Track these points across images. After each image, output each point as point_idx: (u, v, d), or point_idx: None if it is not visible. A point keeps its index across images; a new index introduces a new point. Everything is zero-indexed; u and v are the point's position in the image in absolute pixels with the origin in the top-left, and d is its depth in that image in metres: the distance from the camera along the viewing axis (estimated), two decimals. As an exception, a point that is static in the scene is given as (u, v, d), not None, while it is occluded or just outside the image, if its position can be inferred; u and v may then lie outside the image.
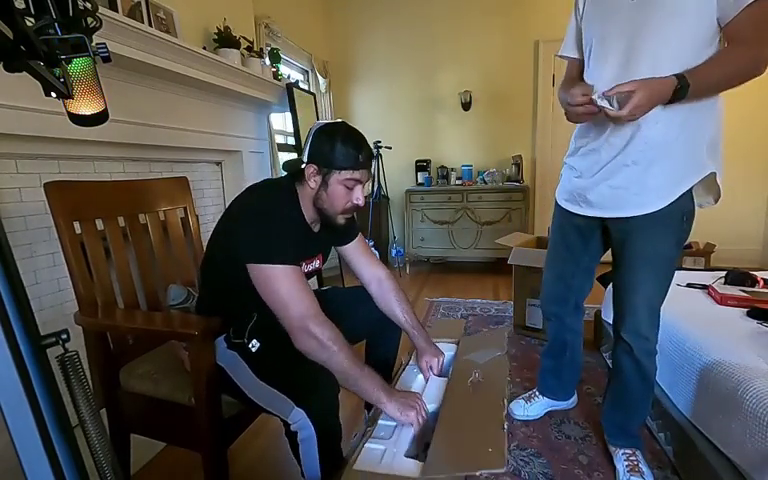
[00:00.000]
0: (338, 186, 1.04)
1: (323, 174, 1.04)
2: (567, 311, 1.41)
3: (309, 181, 1.05)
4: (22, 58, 0.45)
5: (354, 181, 1.05)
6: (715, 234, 3.54)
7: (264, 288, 0.97)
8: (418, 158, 4.12)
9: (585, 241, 1.28)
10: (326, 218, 1.09)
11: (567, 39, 1.26)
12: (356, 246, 1.29)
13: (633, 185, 1.08)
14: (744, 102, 3.40)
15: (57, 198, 1.07)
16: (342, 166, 1.02)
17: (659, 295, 1.15)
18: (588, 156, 1.17)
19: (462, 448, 0.78)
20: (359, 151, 1.03)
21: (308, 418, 0.89)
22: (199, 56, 1.92)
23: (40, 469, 0.46)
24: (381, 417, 0.94)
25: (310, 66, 3.92)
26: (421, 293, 3.36)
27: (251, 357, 1.02)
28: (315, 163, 1.04)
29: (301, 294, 0.97)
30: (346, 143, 1.02)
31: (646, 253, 1.11)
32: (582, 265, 1.33)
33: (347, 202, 1.06)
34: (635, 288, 1.14)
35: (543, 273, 1.43)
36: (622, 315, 1.19)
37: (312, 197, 1.07)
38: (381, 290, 1.26)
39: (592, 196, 1.17)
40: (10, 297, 0.45)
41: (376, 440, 0.86)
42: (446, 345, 1.22)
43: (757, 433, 0.97)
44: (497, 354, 1.08)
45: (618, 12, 1.05)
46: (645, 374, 1.20)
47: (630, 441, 1.29)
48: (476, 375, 0.99)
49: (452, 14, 3.87)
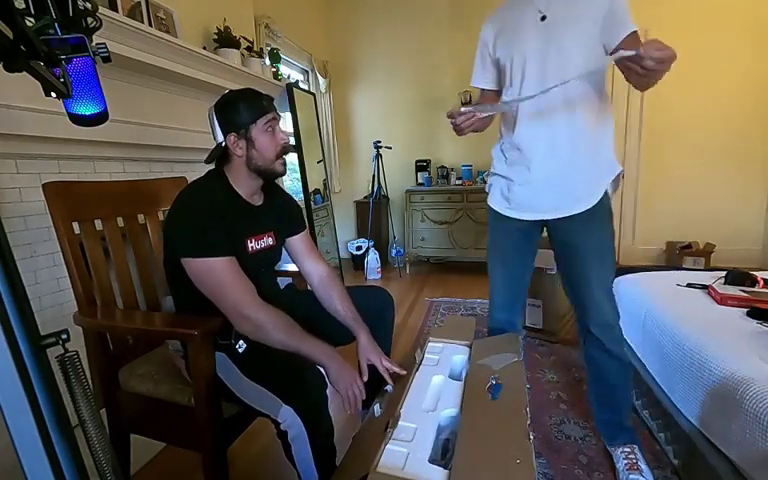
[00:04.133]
0: (262, 135, 1.08)
1: (243, 136, 1.08)
2: (515, 314, 1.41)
3: (236, 151, 1.08)
4: (22, 58, 0.45)
5: (270, 124, 1.10)
6: (715, 234, 3.55)
7: (199, 281, 1.02)
8: (418, 158, 4.12)
9: (529, 242, 1.33)
10: (266, 173, 1.12)
11: (477, 70, 1.34)
12: (302, 239, 1.32)
13: (570, 185, 1.19)
14: (744, 102, 3.41)
15: (56, 199, 1.07)
16: (255, 117, 1.07)
17: (611, 281, 1.25)
18: (522, 164, 1.23)
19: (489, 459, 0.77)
20: (259, 97, 1.10)
21: (297, 416, 0.90)
22: (199, 56, 1.92)
23: (40, 469, 0.46)
24: (401, 419, 0.93)
25: (310, 66, 3.92)
26: (421, 293, 3.36)
27: (238, 358, 1.04)
28: (232, 132, 1.07)
29: (233, 283, 1.02)
30: (245, 98, 1.09)
31: (594, 244, 1.21)
32: (527, 265, 1.37)
33: (276, 145, 1.11)
34: (592, 280, 1.22)
35: (491, 280, 1.40)
36: (586, 311, 1.25)
37: (245, 164, 1.10)
38: (322, 285, 1.28)
39: (533, 201, 1.24)
40: (10, 297, 0.45)
41: (397, 442, 0.84)
42: (458, 347, 1.21)
43: (757, 433, 0.97)
44: (513, 360, 1.07)
45: (529, 33, 1.16)
46: (620, 362, 1.26)
47: (626, 436, 1.32)
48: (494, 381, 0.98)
49: (452, 14, 3.86)
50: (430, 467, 0.78)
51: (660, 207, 3.75)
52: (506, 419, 0.86)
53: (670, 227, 3.73)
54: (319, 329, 1.15)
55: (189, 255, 1.01)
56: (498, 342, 1.19)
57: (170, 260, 1.09)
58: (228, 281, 1.01)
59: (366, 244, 3.96)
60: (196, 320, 1.03)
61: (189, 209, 1.05)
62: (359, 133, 4.42)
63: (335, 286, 1.27)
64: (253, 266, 1.11)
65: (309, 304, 1.28)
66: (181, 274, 1.04)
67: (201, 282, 1.02)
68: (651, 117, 3.63)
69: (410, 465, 0.78)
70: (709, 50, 3.38)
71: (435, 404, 0.97)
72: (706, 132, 3.53)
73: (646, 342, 1.57)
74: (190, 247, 1.01)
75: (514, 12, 1.21)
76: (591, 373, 1.34)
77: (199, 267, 1.01)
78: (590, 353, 1.30)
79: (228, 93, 1.12)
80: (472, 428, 0.84)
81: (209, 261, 1.00)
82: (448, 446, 0.90)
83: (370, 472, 0.76)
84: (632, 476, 1.22)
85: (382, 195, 3.96)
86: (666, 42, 0.92)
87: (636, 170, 3.75)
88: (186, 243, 1.02)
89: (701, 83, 3.45)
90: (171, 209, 1.08)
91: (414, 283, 3.67)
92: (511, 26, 1.21)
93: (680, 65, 0.97)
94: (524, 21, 1.17)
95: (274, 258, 1.27)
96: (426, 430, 0.88)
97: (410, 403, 0.97)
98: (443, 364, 1.13)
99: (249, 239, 1.13)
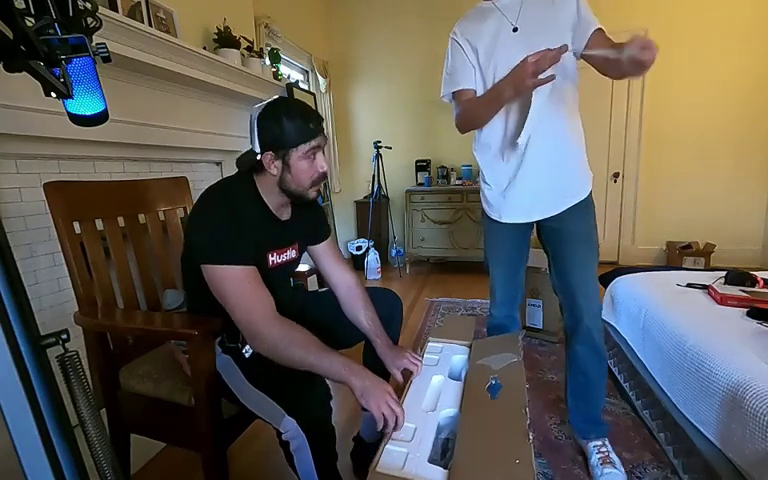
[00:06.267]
0: (300, 162, 1.01)
1: (281, 157, 1.01)
2: (515, 308, 1.43)
3: (270, 169, 1.02)
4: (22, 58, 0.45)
5: (313, 150, 1.02)
6: (715, 234, 3.55)
7: (214, 289, 0.97)
8: (418, 158, 4.12)
9: (525, 238, 1.36)
10: (296, 197, 1.07)
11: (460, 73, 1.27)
12: (327, 247, 1.28)
13: (562, 185, 1.23)
14: (744, 102, 3.41)
15: (56, 198, 1.07)
16: (297, 142, 0.99)
17: (596, 271, 1.29)
18: (508, 169, 1.25)
19: (488, 459, 0.77)
20: (308, 120, 1.01)
21: (299, 428, 0.88)
22: (199, 56, 1.92)
23: (40, 469, 0.46)
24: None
25: (310, 66, 3.92)
26: (421, 293, 3.36)
27: (244, 362, 1.02)
28: (270, 150, 1.00)
29: (250, 295, 0.96)
30: (293, 118, 0.99)
31: (585, 229, 1.26)
32: (523, 260, 1.40)
33: (313, 174, 1.04)
34: (587, 264, 1.25)
35: (492, 280, 1.42)
36: (579, 300, 1.26)
37: (277, 183, 1.04)
38: (349, 296, 1.24)
39: (526, 204, 1.26)
40: (10, 297, 0.45)
41: (397, 442, 0.84)
42: (458, 347, 1.21)
43: (757, 433, 0.97)
44: (513, 360, 1.06)
45: (506, 43, 1.18)
46: (601, 356, 1.30)
47: (598, 429, 1.36)
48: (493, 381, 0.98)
49: (452, 14, 3.85)
50: (430, 467, 0.78)
51: (660, 207, 3.75)
52: (506, 419, 0.85)
53: (670, 227, 3.74)
54: (327, 331, 1.14)
55: (207, 261, 0.97)
56: (498, 342, 1.19)
57: (187, 259, 1.07)
58: (244, 293, 0.96)
59: (366, 244, 3.96)
60: (196, 320, 1.03)
61: (211, 214, 1.01)
62: (359, 133, 4.42)
63: (361, 297, 1.24)
64: (271, 280, 1.06)
65: (319, 305, 1.27)
66: (196, 275, 1.01)
67: (216, 290, 0.97)
68: (651, 117, 3.63)
69: (409, 465, 0.78)
70: (709, 50, 3.38)
71: (435, 404, 0.97)
72: (706, 132, 3.53)
73: (646, 342, 1.57)
74: (209, 253, 0.97)
75: (488, 24, 1.21)
76: (573, 370, 1.36)
77: (216, 274, 0.96)
78: (576, 349, 1.31)
79: (276, 101, 1.03)
80: (471, 428, 0.84)
81: (227, 269, 0.96)
82: (447, 446, 0.90)
83: (369, 472, 0.76)
84: (606, 470, 1.26)
85: (382, 195, 3.96)
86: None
87: (636, 170, 3.76)
88: (205, 248, 0.98)
89: (701, 83, 3.45)
90: (193, 209, 1.04)
91: (414, 283, 3.67)
92: (488, 38, 1.21)
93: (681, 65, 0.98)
94: (499, 33, 1.19)
95: (293, 268, 1.25)
96: (426, 430, 0.88)
97: (410, 403, 0.97)
98: (443, 364, 1.13)
99: (271, 253, 1.10)
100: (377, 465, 0.78)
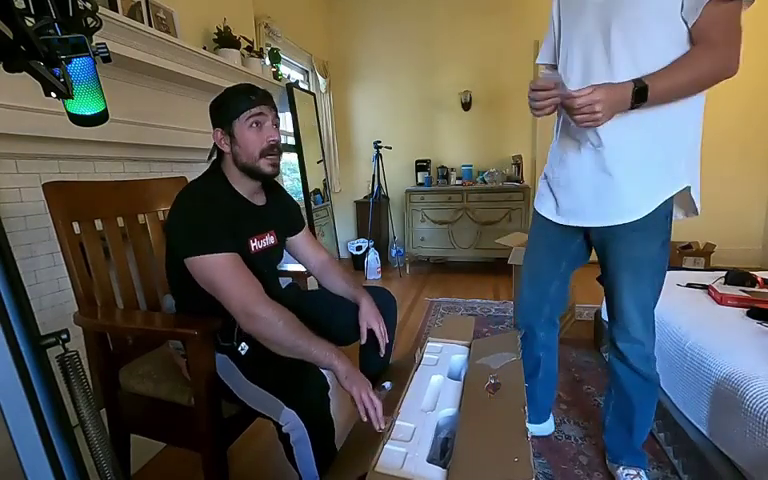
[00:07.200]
0: (246, 132, 1.04)
1: (228, 132, 1.05)
2: (541, 323, 1.32)
3: (223, 148, 1.06)
4: (22, 58, 0.45)
5: (256, 119, 1.04)
6: (715, 234, 3.55)
7: (202, 279, 0.98)
8: (418, 158, 4.12)
9: (566, 243, 1.23)
10: (252, 172, 1.08)
11: (544, 48, 1.25)
12: (303, 236, 1.33)
13: (610, 195, 1.05)
14: (744, 101, 3.41)
15: (56, 198, 1.07)
16: (239, 111, 1.03)
17: (650, 297, 1.12)
18: (565, 167, 1.15)
19: (486, 457, 0.77)
20: (249, 91, 1.05)
21: (299, 418, 0.90)
22: (199, 56, 1.92)
23: (40, 469, 0.46)
24: (398, 418, 0.93)
25: (310, 66, 3.92)
26: (421, 293, 3.36)
27: (241, 360, 1.03)
28: (218, 127, 1.05)
29: (238, 279, 0.98)
30: (235, 92, 1.05)
31: (630, 258, 1.09)
32: (560, 269, 1.27)
33: (261, 143, 1.05)
34: (621, 292, 1.12)
35: (520, 282, 1.36)
36: (614, 319, 1.17)
37: (233, 162, 1.07)
38: (324, 268, 1.31)
39: (571, 205, 1.14)
40: (10, 297, 0.45)
41: (396, 442, 0.85)
42: (457, 347, 1.21)
43: (757, 433, 0.97)
44: (512, 359, 1.07)
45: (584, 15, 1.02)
46: (644, 382, 1.15)
47: (634, 459, 1.23)
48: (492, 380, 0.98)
49: (452, 14, 3.86)
50: (429, 466, 0.78)
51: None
52: (505, 418, 0.86)
53: (670, 227, 3.73)
54: (323, 329, 1.15)
55: (190, 254, 0.97)
56: (497, 341, 1.19)
57: (171, 262, 1.08)
58: (233, 278, 0.97)
59: (366, 244, 3.96)
60: (196, 320, 1.03)
61: (187, 207, 1.03)
62: (359, 133, 4.42)
63: (334, 267, 1.31)
64: (257, 266, 1.09)
65: (313, 303, 1.28)
66: (182, 275, 1.02)
67: (204, 281, 0.98)
68: (651, 117, 3.63)
69: (409, 464, 0.78)
70: (709, 50, 3.38)
71: (434, 404, 0.97)
72: (707, 132, 3.52)
73: (646, 342, 1.57)
74: (190, 246, 0.98)
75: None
76: (613, 385, 1.23)
77: (201, 265, 0.97)
78: (612, 364, 1.21)
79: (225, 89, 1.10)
80: (471, 427, 0.84)
81: (210, 258, 0.96)
82: (447, 445, 0.90)
83: (369, 472, 0.76)
84: None
85: (382, 195, 3.96)
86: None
87: (636, 170, 3.75)
88: (186, 242, 0.99)
89: (701, 83, 3.45)
90: (170, 210, 1.06)
91: (414, 283, 3.67)
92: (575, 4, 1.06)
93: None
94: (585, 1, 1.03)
95: (276, 258, 1.26)
96: (425, 430, 0.88)
97: (409, 403, 0.97)
98: (442, 364, 1.13)
99: (252, 239, 1.12)
100: (376, 464, 0.78)
